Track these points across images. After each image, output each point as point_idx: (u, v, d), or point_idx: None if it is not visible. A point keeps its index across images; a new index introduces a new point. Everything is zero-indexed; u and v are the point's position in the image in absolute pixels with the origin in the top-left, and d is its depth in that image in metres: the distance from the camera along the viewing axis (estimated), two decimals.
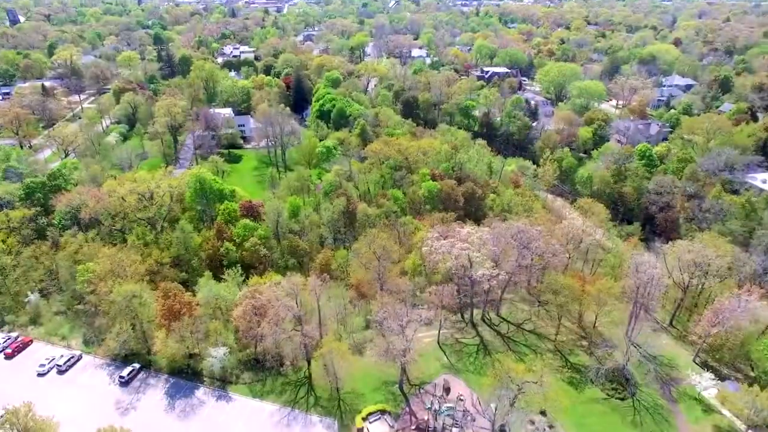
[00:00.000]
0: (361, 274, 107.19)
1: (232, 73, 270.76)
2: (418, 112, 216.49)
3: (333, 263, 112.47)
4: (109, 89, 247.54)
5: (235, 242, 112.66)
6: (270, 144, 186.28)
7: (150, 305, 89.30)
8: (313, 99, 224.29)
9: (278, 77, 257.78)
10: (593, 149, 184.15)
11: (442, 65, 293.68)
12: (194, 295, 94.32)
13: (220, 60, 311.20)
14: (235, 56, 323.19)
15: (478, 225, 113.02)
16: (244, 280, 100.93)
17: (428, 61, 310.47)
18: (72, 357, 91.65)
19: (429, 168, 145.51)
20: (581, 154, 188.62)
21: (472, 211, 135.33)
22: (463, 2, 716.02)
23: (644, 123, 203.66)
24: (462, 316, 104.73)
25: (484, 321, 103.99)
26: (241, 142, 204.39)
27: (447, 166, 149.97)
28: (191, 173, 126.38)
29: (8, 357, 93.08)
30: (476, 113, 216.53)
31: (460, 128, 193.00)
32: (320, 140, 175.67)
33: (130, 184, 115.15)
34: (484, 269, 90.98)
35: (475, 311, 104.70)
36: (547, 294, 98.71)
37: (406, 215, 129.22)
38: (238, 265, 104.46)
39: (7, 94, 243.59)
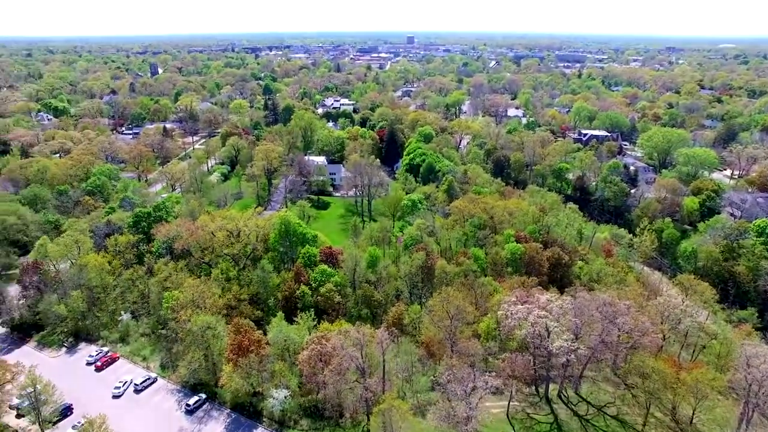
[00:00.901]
0: (432, 332, 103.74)
1: (330, 124, 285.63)
2: (509, 172, 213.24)
3: (406, 318, 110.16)
4: (218, 133, 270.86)
5: (311, 286, 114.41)
6: (358, 193, 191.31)
7: (222, 338, 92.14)
8: (404, 152, 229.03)
9: (373, 129, 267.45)
10: (700, 221, 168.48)
11: (538, 126, 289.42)
12: (265, 334, 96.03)
13: (320, 111, 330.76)
14: (335, 108, 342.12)
15: (562, 293, 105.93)
16: (315, 325, 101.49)
17: (524, 121, 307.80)
18: (148, 378, 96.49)
19: (514, 229, 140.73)
20: (685, 226, 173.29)
21: (558, 278, 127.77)
22: (566, 64, 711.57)
23: (765, 196, 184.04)
24: (536, 390, 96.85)
25: (560, 398, 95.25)
26: (331, 189, 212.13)
27: (533, 228, 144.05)
28: (278, 215, 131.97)
29: (98, 369, 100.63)
30: (570, 176, 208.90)
31: (551, 190, 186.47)
32: (407, 193, 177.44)
33: (221, 220, 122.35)
34: (562, 341, 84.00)
35: (552, 386, 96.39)
36: (635, 377, 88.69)
37: (485, 276, 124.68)
38: (312, 309, 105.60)
39: (137, 133, 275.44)
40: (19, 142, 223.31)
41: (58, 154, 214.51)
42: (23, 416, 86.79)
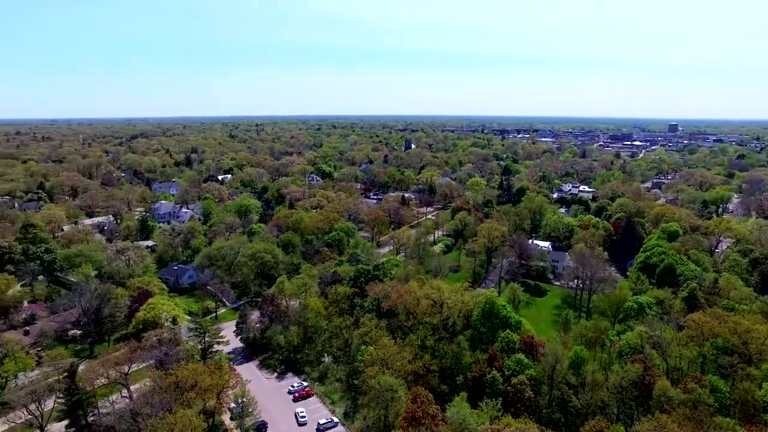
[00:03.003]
0: None
1: (563, 210, 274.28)
2: None
3: None
4: (450, 206, 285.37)
5: (503, 373, 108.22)
6: (579, 285, 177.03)
7: (401, 403, 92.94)
8: (641, 249, 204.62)
9: (608, 220, 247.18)
10: None
11: None
12: (444, 411, 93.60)
13: (555, 195, 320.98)
14: (571, 193, 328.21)
15: None
16: (498, 416, 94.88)
17: None
18: (331, 421, 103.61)
19: None
20: None
21: None
22: None
23: None
24: None
25: None
26: (551, 277, 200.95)
27: None
28: (484, 294, 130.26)
29: (295, 400, 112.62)
30: None
31: None
32: (635, 294, 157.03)
33: (428, 289, 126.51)
34: None
35: None
36: None
37: (726, 416, 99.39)
38: (500, 398, 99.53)
39: (380, 199, 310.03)
40: (290, 196, 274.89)
41: (315, 209, 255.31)
42: (234, 420, 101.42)
